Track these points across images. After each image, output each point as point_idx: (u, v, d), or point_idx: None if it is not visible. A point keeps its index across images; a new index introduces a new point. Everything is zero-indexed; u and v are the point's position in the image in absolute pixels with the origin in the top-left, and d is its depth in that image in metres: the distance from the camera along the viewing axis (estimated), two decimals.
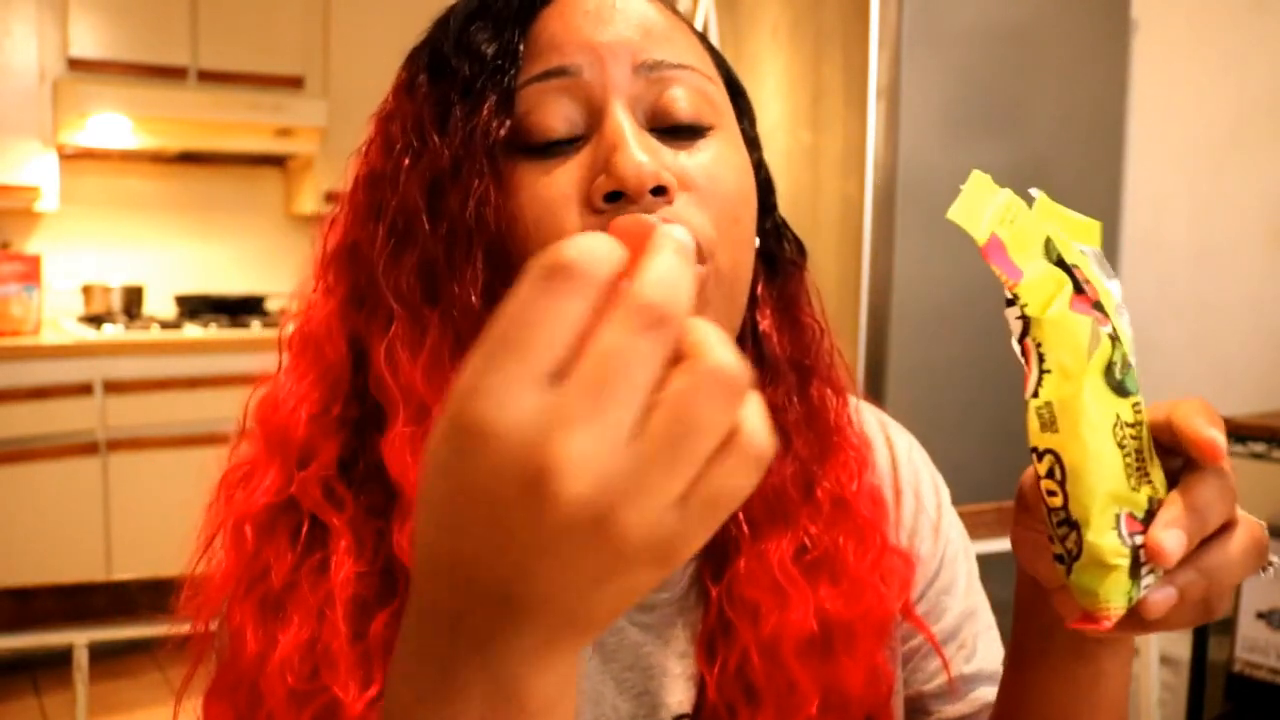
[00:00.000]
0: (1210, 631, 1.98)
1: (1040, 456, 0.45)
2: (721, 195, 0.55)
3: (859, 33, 1.92)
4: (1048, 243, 0.47)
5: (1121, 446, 0.44)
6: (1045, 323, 0.44)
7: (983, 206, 0.46)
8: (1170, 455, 0.46)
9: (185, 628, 0.58)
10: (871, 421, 0.72)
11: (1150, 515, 0.44)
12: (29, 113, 3.19)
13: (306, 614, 0.53)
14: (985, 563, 0.75)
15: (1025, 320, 0.45)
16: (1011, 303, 0.45)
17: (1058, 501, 0.44)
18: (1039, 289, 0.45)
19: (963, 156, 1.99)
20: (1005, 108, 2.04)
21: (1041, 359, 0.45)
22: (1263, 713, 1.95)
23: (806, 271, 0.65)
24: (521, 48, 0.55)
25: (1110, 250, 2.23)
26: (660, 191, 0.52)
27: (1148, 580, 0.44)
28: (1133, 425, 0.45)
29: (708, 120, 0.56)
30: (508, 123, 0.54)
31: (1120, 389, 0.45)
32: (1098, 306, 0.46)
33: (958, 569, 0.69)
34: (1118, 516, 0.44)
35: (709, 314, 0.54)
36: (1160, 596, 0.45)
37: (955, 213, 0.45)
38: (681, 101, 0.55)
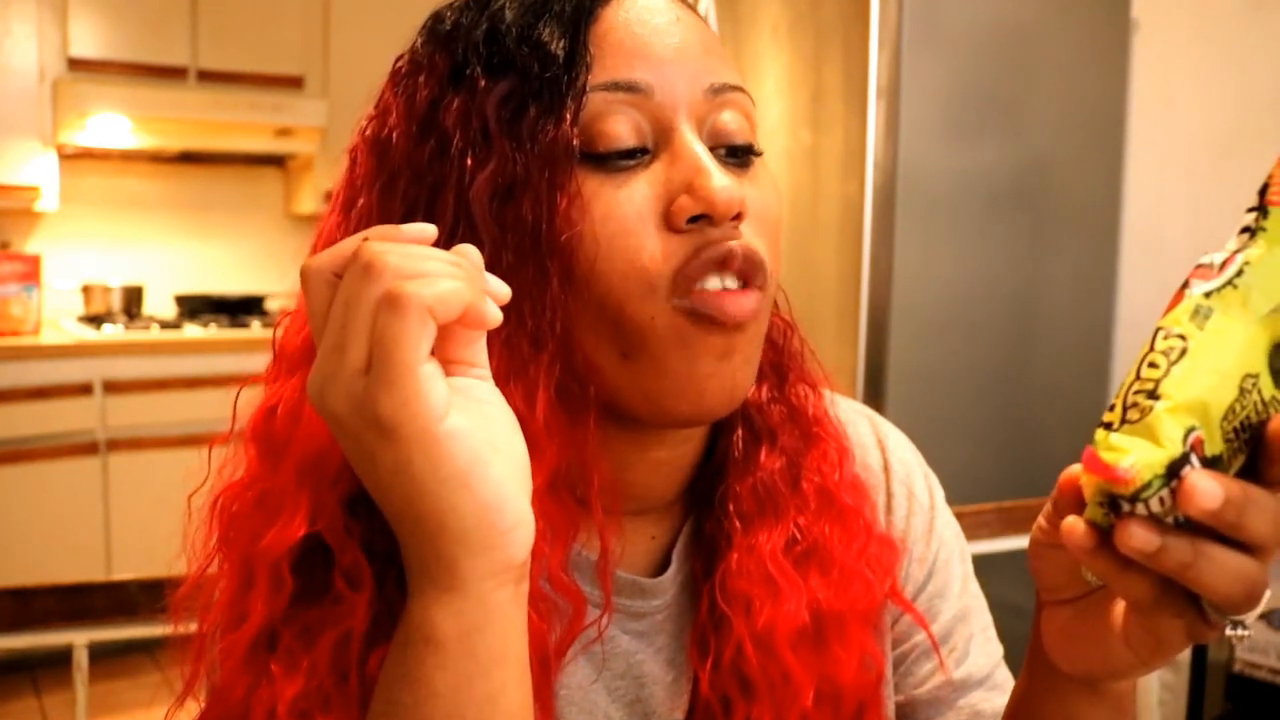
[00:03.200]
0: None
1: (1166, 336, 0.42)
2: (771, 223, 0.56)
3: (859, 33, 1.92)
4: None
5: (1242, 393, 0.41)
6: (1277, 251, 0.41)
7: None
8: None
9: (184, 628, 0.57)
10: (863, 421, 0.72)
11: (1209, 464, 0.41)
12: (29, 112, 3.19)
13: (314, 657, 0.51)
14: (986, 563, 0.75)
15: (1254, 228, 0.42)
16: (1258, 208, 0.43)
17: (1156, 374, 0.41)
18: None
19: (963, 156, 1.99)
20: (1005, 108, 2.04)
21: (1240, 273, 0.42)
22: (1263, 713, 1.95)
23: None
24: (592, 49, 0.53)
25: (1110, 250, 2.23)
26: (738, 217, 0.53)
27: (1163, 496, 0.40)
28: (1265, 404, 0.42)
29: (756, 144, 0.57)
30: (576, 130, 0.52)
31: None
32: None
33: (951, 571, 0.69)
34: (1193, 428, 0.40)
35: (759, 330, 0.56)
36: (1204, 481, 0.38)
37: None
38: (739, 125, 0.56)
